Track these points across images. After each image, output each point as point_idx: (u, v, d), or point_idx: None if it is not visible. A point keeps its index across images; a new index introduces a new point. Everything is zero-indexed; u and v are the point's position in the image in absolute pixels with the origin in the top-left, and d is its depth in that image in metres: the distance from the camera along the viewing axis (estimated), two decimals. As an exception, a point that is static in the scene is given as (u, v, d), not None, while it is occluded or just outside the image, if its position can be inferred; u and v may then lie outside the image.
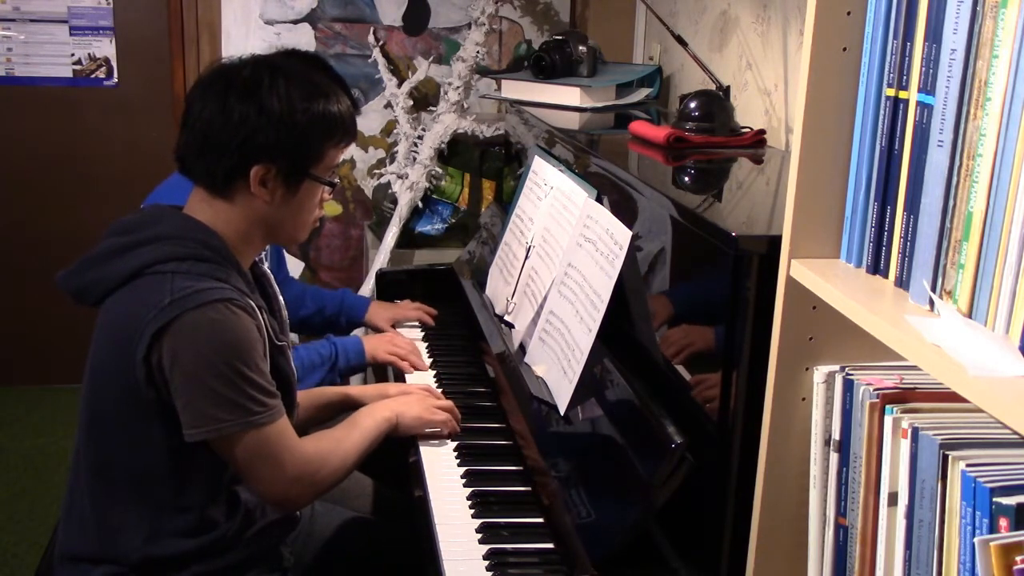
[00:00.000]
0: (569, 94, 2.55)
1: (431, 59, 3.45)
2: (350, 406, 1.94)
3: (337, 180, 1.64)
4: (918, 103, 0.97)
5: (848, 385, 1.07)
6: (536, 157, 2.15)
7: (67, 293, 1.56)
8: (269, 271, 1.77)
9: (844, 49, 1.07)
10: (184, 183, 1.61)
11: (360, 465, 1.72)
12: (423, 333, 2.41)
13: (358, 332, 2.48)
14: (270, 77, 1.52)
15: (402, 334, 2.35)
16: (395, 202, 3.20)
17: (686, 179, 1.86)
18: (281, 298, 1.76)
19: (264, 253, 2.22)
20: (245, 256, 1.60)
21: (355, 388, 2.00)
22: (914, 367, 0.97)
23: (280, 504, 1.60)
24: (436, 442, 1.86)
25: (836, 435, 1.09)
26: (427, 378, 2.17)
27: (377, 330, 2.41)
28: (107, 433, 1.54)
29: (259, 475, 1.53)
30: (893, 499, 0.99)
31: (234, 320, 1.47)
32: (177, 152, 1.57)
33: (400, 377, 2.17)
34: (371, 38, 3.51)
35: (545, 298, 1.85)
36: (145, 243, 1.51)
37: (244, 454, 1.51)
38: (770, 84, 2.20)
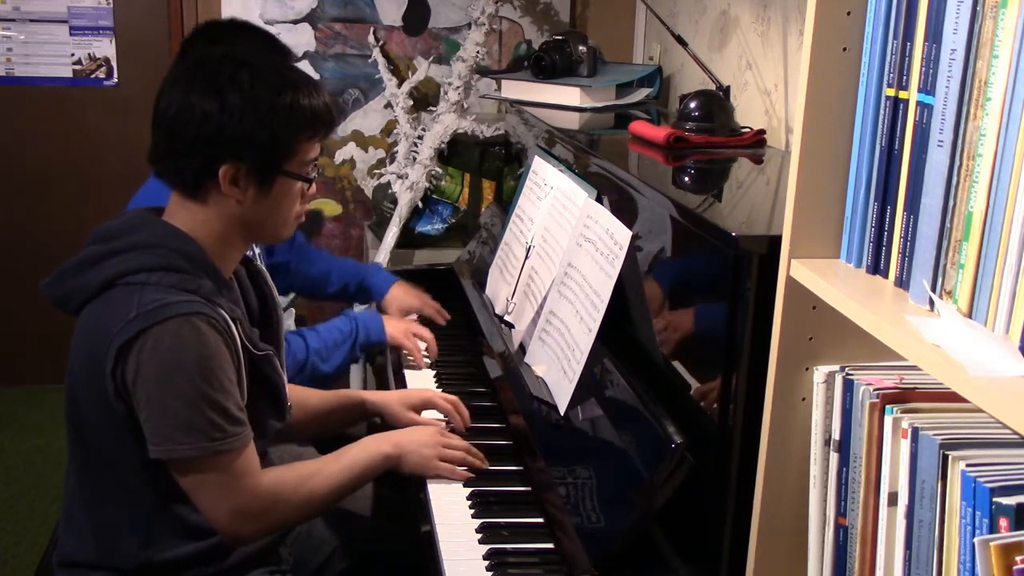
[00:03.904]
0: (569, 94, 2.55)
1: (431, 59, 3.45)
2: (371, 412, 1.91)
3: (314, 175, 1.57)
4: (918, 103, 0.97)
5: (848, 385, 1.07)
6: (536, 157, 2.15)
7: (50, 301, 1.53)
8: (263, 268, 1.75)
9: (844, 49, 1.07)
10: (162, 186, 1.58)
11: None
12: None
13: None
14: (233, 70, 1.46)
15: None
16: (395, 202, 3.20)
17: (686, 179, 1.86)
18: (277, 296, 1.73)
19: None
20: (227, 259, 1.55)
21: (375, 393, 1.94)
22: (914, 367, 0.97)
23: (224, 535, 1.53)
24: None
25: (836, 435, 1.09)
26: (427, 377, 2.16)
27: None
28: (90, 443, 1.52)
29: (204, 502, 1.49)
30: (893, 499, 0.99)
31: (199, 337, 1.42)
32: (149, 154, 1.52)
33: (399, 371, 2.17)
34: (371, 38, 3.51)
35: (545, 298, 1.85)
36: (119, 252, 1.47)
37: (193, 478, 1.46)
38: (770, 84, 2.20)
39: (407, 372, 2.19)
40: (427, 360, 2.23)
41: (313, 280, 2.43)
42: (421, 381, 2.15)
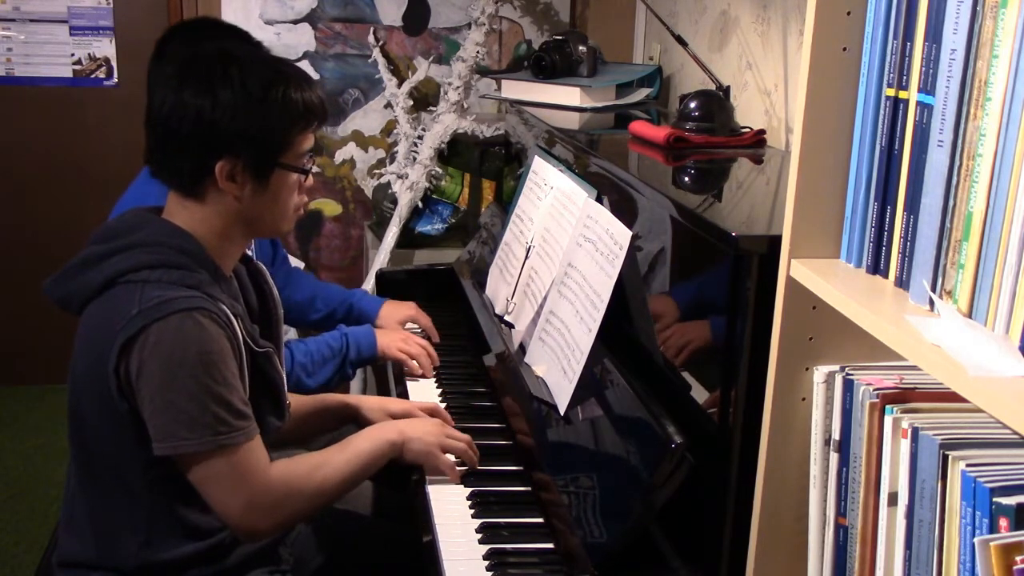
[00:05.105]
0: (569, 94, 2.55)
1: (431, 59, 3.45)
2: (350, 415, 1.90)
3: (311, 166, 1.58)
4: (918, 103, 0.97)
5: (848, 385, 1.07)
6: (536, 157, 2.15)
7: (53, 301, 1.54)
8: (263, 267, 1.74)
9: (844, 49, 1.07)
10: (146, 185, 1.57)
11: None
12: (423, 333, 2.40)
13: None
14: (224, 67, 1.47)
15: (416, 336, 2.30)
16: (395, 202, 3.20)
17: (686, 179, 1.86)
18: (277, 295, 1.73)
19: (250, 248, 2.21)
20: (228, 256, 1.56)
21: (355, 397, 1.96)
22: (914, 367, 0.97)
23: (238, 531, 1.53)
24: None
25: (836, 435, 1.09)
26: (428, 383, 2.16)
27: None
28: (92, 442, 1.52)
29: (215, 498, 1.48)
30: (893, 499, 0.99)
31: (201, 332, 1.42)
32: (145, 154, 1.53)
33: (400, 378, 2.16)
34: (371, 38, 3.51)
35: (545, 298, 1.85)
36: (120, 251, 1.48)
37: (202, 474, 1.46)
38: (770, 84, 2.20)
39: (408, 378, 2.17)
40: (427, 370, 2.18)
41: (297, 305, 2.36)
42: (422, 384, 2.14)
